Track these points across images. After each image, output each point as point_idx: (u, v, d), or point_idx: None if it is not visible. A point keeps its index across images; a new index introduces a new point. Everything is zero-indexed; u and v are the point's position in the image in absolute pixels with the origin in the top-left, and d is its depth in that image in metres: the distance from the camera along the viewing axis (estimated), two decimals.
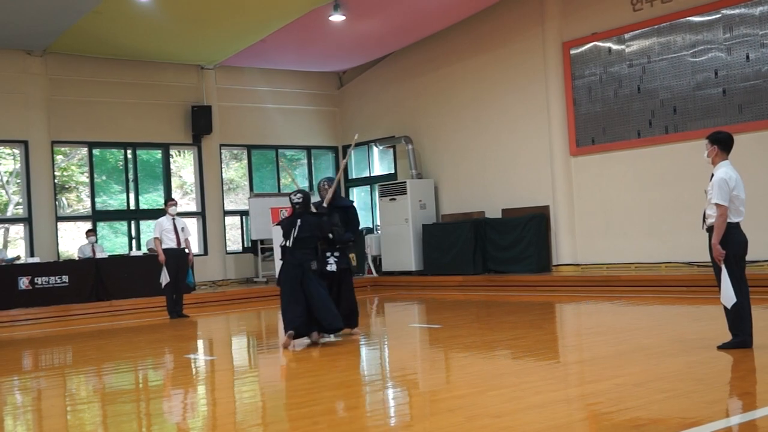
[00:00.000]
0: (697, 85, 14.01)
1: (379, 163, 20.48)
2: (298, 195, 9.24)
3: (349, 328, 9.59)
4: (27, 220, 16.82)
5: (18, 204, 18.07)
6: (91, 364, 8.80)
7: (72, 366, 9.27)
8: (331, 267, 9.56)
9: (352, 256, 9.73)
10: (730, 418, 5.01)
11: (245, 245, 19.54)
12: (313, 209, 9.42)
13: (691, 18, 14.06)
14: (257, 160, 20.22)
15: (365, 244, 18.65)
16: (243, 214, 19.64)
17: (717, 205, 6.87)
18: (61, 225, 17.64)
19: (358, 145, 20.37)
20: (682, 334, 8.36)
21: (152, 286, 13.97)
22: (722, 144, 7.10)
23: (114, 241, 18.84)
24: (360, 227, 10.07)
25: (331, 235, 9.67)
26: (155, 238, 13.39)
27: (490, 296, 14.40)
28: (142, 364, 8.85)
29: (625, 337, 8.40)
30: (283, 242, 9.17)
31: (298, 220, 9.11)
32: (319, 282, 9.10)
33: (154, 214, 16.71)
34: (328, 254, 9.60)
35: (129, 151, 18.19)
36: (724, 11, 13.65)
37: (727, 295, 6.83)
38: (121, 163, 18.32)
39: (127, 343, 10.81)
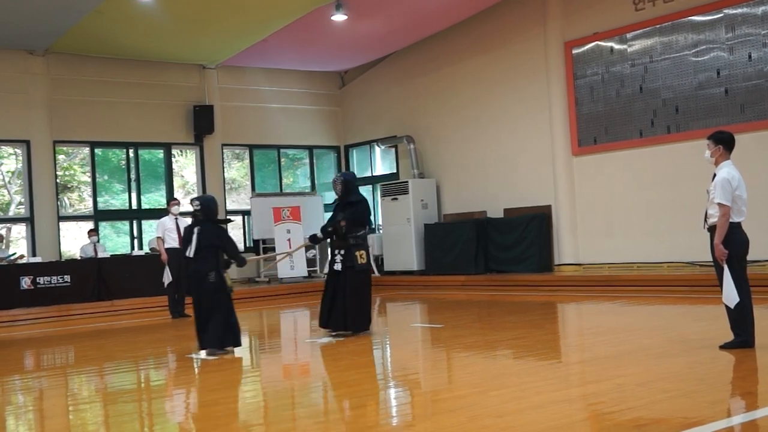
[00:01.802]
0: (699, 84, 13.99)
1: (381, 163, 20.48)
2: (196, 202, 8.81)
3: (350, 330, 9.42)
4: (29, 220, 16.83)
5: (20, 204, 18.09)
6: (93, 364, 8.81)
7: (74, 366, 9.28)
8: (337, 266, 9.49)
9: (360, 253, 9.46)
10: (731, 418, 5.01)
11: (247, 245, 19.54)
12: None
13: (693, 17, 14.05)
14: (259, 159, 20.23)
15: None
16: (245, 213, 19.64)
17: (720, 204, 6.87)
18: (63, 225, 17.65)
19: (359, 144, 20.44)
20: (684, 334, 8.35)
21: (154, 285, 13.96)
22: (726, 144, 7.10)
23: (116, 241, 18.86)
24: (362, 217, 9.64)
25: (320, 235, 9.60)
26: (158, 238, 13.40)
27: (491, 296, 14.39)
28: (144, 364, 8.85)
29: (626, 337, 8.39)
30: (186, 252, 8.68)
31: (196, 229, 8.65)
32: (213, 296, 8.49)
33: (156, 213, 16.71)
34: (336, 252, 9.56)
35: (131, 151, 18.20)
36: (726, 11, 13.64)
37: (730, 294, 6.83)
38: (123, 162, 18.33)
39: (128, 343, 10.81)
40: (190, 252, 8.60)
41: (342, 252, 9.49)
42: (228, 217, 9.39)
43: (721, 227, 6.86)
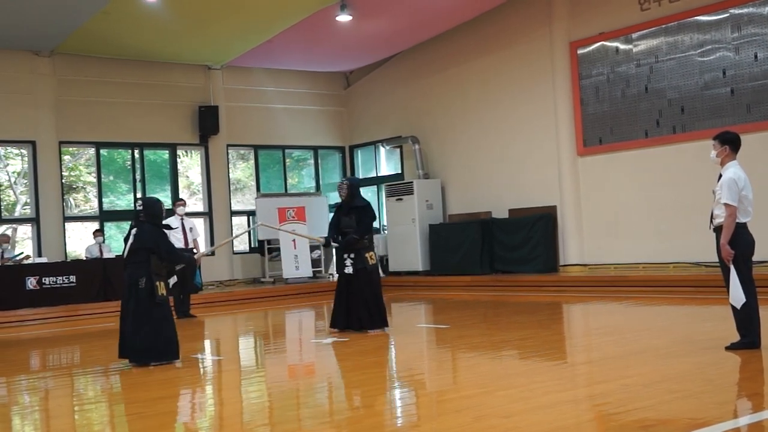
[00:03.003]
0: (704, 84, 13.96)
1: (386, 163, 20.47)
2: (140, 201, 8.46)
3: (376, 329, 9.68)
4: (35, 221, 16.87)
5: (26, 204, 18.13)
6: (99, 364, 8.82)
7: (79, 366, 9.29)
8: (348, 269, 9.69)
9: (369, 255, 9.71)
10: (738, 419, 4.99)
11: (252, 245, 19.56)
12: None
13: (698, 17, 14.02)
14: (264, 160, 20.24)
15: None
16: (250, 214, 19.66)
17: (726, 205, 6.85)
18: (68, 225, 17.68)
19: (364, 145, 20.46)
20: (690, 334, 8.34)
21: None
22: (733, 144, 7.09)
23: (121, 241, 18.82)
24: (371, 226, 9.99)
25: (335, 245, 9.84)
26: None
27: (497, 296, 14.38)
28: (149, 364, 8.85)
29: (633, 338, 8.38)
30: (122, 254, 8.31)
31: (133, 231, 8.28)
32: (145, 303, 8.03)
33: None
34: (345, 256, 9.72)
35: (136, 152, 18.22)
36: (732, 11, 13.61)
37: (737, 295, 6.81)
38: (128, 163, 18.36)
39: None
40: (124, 253, 8.29)
41: (351, 255, 9.69)
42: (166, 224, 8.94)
43: (728, 227, 6.85)
